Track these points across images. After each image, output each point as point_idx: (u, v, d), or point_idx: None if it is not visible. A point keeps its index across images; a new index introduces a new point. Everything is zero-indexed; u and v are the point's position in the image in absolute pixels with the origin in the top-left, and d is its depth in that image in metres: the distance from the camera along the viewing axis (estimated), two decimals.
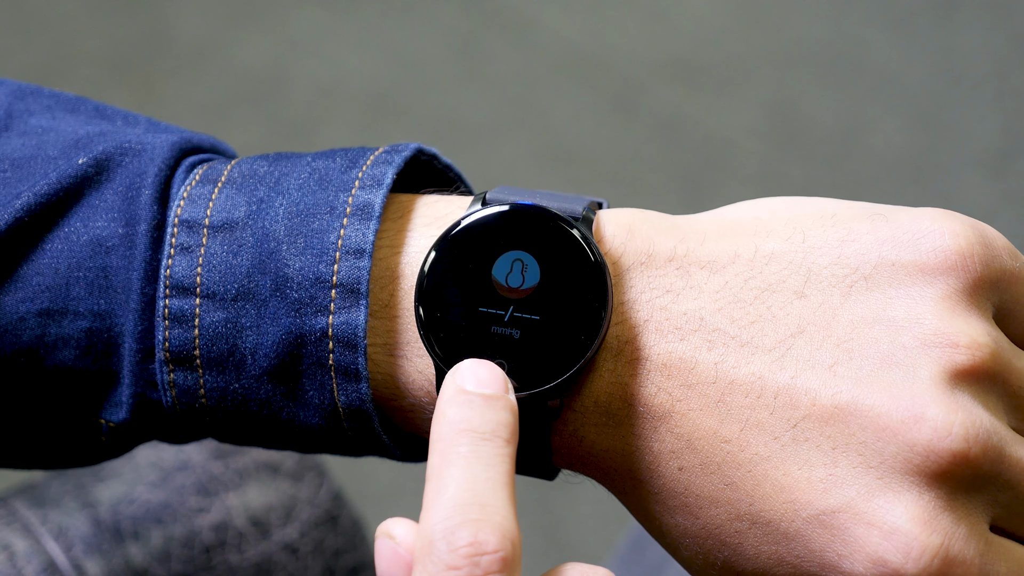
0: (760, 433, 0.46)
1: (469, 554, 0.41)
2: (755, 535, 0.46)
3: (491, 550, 0.41)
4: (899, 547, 0.44)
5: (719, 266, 0.48)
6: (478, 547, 0.41)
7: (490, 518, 0.42)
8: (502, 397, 0.45)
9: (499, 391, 0.45)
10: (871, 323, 0.46)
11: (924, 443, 0.44)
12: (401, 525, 0.44)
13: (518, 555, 0.42)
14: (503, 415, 0.44)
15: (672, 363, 0.47)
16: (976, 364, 0.45)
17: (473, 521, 0.41)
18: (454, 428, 0.44)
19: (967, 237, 0.46)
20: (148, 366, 0.50)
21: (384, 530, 0.44)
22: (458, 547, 0.41)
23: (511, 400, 0.45)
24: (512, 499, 0.43)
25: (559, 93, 1.93)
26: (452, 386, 0.45)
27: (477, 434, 0.44)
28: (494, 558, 0.41)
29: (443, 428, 0.44)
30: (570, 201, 0.49)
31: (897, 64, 1.98)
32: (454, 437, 0.44)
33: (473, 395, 0.45)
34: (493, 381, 0.45)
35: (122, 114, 0.54)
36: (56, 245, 0.50)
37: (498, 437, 0.44)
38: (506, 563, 0.41)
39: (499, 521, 0.42)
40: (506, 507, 0.42)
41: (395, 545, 0.43)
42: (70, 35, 1.93)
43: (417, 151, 0.52)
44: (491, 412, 0.44)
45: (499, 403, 0.45)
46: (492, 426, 0.44)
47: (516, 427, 0.45)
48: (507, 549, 0.41)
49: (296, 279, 0.49)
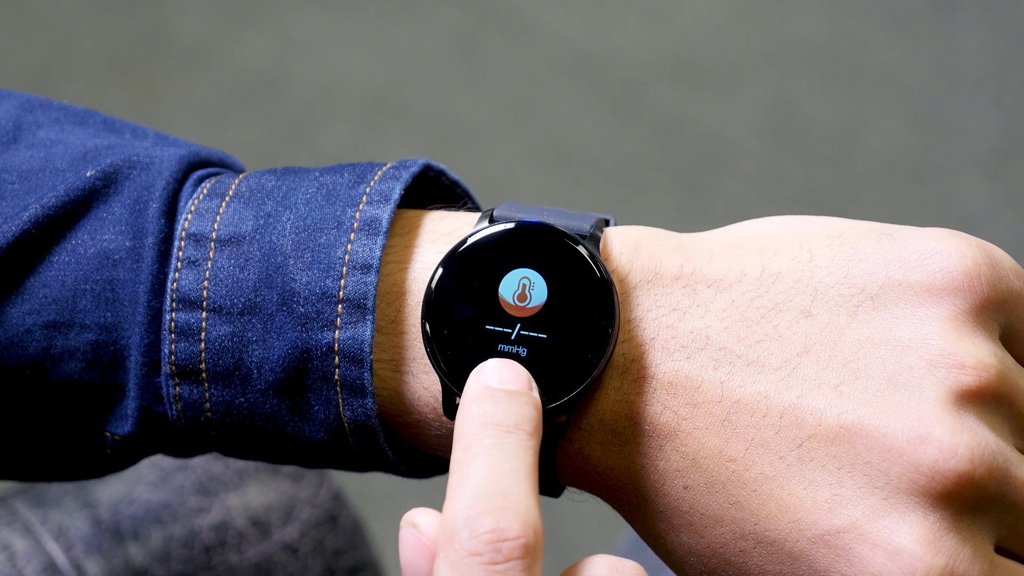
0: (766, 452, 0.46)
1: (491, 540, 0.41)
2: (760, 554, 0.46)
3: (513, 536, 0.41)
4: (904, 568, 0.44)
5: (726, 284, 0.48)
6: (500, 533, 0.41)
7: (513, 506, 0.42)
8: (525, 393, 0.46)
9: (523, 388, 0.46)
10: (877, 343, 0.46)
11: (930, 464, 0.44)
12: (425, 515, 0.44)
13: (540, 543, 0.42)
14: (527, 409, 0.45)
15: (678, 381, 0.47)
16: (982, 385, 0.45)
17: (496, 509, 0.42)
18: (478, 422, 0.44)
19: (974, 258, 0.46)
20: (154, 379, 0.50)
21: (409, 519, 0.44)
22: (480, 534, 0.41)
23: (535, 396, 0.46)
24: (535, 489, 0.43)
25: (559, 93, 1.93)
26: (476, 383, 0.46)
27: (501, 427, 0.44)
28: (516, 544, 0.41)
29: (467, 423, 0.45)
30: (577, 219, 0.49)
31: (897, 64, 1.98)
32: (478, 430, 0.44)
33: (497, 391, 0.45)
34: (517, 379, 0.46)
35: (131, 127, 0.54)
36: (63, 257, 0.50)
37: (521, 430, 0.44)
38: (528, 549, 0.41)
39: (521, 510, 0.42)
40: (529, 496, 0.42)
41: (419, 534, 0.44)
42: (70, 35, 1.93)
43: (425, 167, 0.52)
44: (515, 407, 0.45)
45: (523, 398, 0.45)
46: (516, 419, 0.44)
47: (540, 421, 0.45)
48: (529, 536, 0.41)
49: (303, 294, 0.49)
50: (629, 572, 0.43)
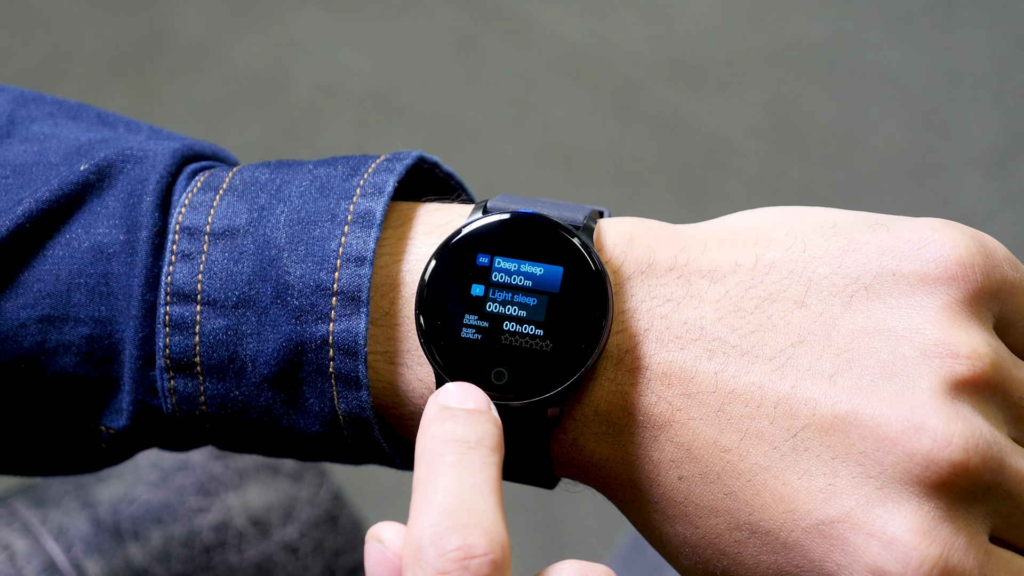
0: (760, 443, 0.46)
1: (458, 558, 0.41)
2: (754, 545, 0.46)
3: (480, 553, 0.41)
4: (898, 557, 0.44)
5: (720, 275, 0.48)
6: (467, 550, 0.41)
7: (479, 523, 0.42)
8: (485, 412, 0.45)
9: (482, 407, 0.45)
10: (871, 333, 0.46)
11: (924, 453, 0.44)
12: (390, 529, 0.44)
13: (507, 559, 0.42)
14: (487, 426, 0.45)
15: (672, 372, 0.47)
16: (976, 374, 0.45)
17: (462, 526, 0.41)
18: (439, 440, 0.44)
19: (968, 247, 0.46)
20: (148, 373, 0.50)
21: (374, 534, 0.44)
22: (447, 551, 0.41)
23: (494, 415, 0.45)
24: (500, 504, 0.43)
25: (559, 93, 1.93)
26: (435, 405, 0.45)
27: (463, 444, 0.44)
28: (484, 561, 0.41)
29: (428, 441, 0.44)
30: (571, 210, 0.49)
31: (897, 64, 1.98)
32: (440, 448, 0.44)
33: (456, 410, 0.45)
34: (476, 398, 0.46)
35: (124, 121, 0.54)
36: (57, 251, 0.50)
37: (483, 446, 0.44)
38: (496, 566, 0.41)
39: (487, 525, 0.42)
40: (494, 512, 0.42)
41: (384, 549, 0.43)
42: (70, 35, 1.93)
43: (419, 159, 0.52)
44: (475, 424, 0.44)
45: (482, 416, 0.45)
46: (477, 435, 0.44)
47: (501, 438, 0.45)
48: (496, 552, 0.41)
49: (297, 286, 0.49)
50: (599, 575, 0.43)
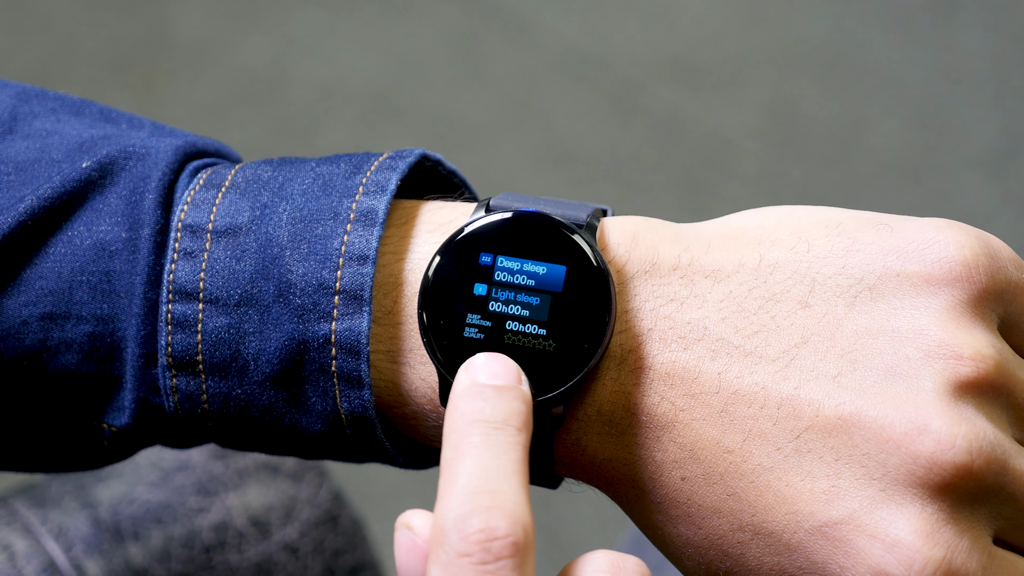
0: (763, 444, 0.46)
1: (480, 540, 0.41)
2: (757, 546, 0.46)
3: (502, 535, 0.41)
4: (901, 560, 0.44)
5: (723, 275, 0.48)
6: (489, 532, 0.41)
7: (501, 505, 0.42)
8: (514, 387, 0.45)
9: (511, 382, 0.45)
10: (875, 334, 0.46)
11: (927, 455, 0.44)
12: (419, 516, 0.44)
13: (531, 540, 0.42)
14: (515, 404, 0.45)
15: (675, 372, 0.47)
16: (980, 376, 0.45)
17: (484, 508, 0.42)
18: (466, 419, 0.44)
19: (972, 248, 0.46)
20: (151, 371, 0.50)
21: (403, 521, 0.44)
22: (469, 534, 0.41)
23: (524, 390, 0.45)
24: (525, 486, 0.43)
25: (559, 93, 1.93)
26: (465, 379, 0.45)
27: (489, 424, 0.44)
28: (505, 543, 0.41)
29: (455, 420, 0.44)
30: (574, 208, 0.49)
31: (897, 64, 1.98)
32: (466, 428, 0.44)
33: (485, 386, 0.45)
34: (506, 373, 0.46)
35: (127, 117, 0.54)
36: (59, 249, 0.50)
37: (509, 425, 0.44)
38: (517, 548, 0.41)
39: (510, 508, 0.42)
40: (518, 494, 0.42)
41: (413, 536, 0.44)
42: (70, 35, 1.93)
43: (421, 157, 0.52)
44: (503, 402, 0.44)
45: (511, 393, 0.45)
46: (504, 415, 0.44)
47: (529, 416, 0.45)
48: (518, 534, 0.41)
49: (299, 285, 0.49)
50: (631, 568, 0.43)
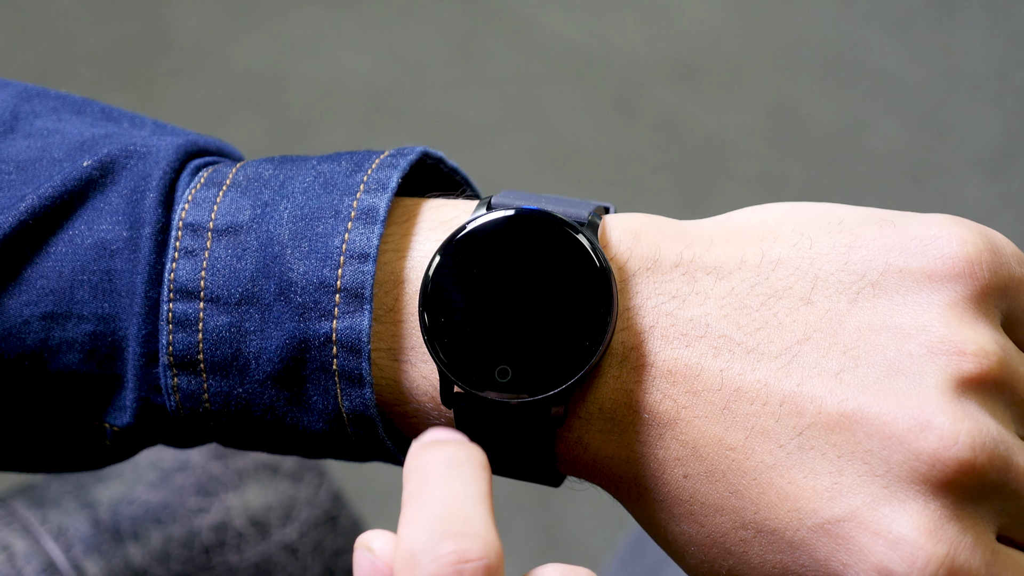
0: (765, 441, 0.46)
1: (453, 562, 0.40)
2: (760, 543, 0.46)
3: (475, 557, 0.41)
4: (904, 557, 0.44)
5: (725, 272, 0.48)
6: (462, 554, 0.41)
7: (472, 530, 0.41)
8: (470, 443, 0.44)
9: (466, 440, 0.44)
10: (878, 330, 0.46)
11: (930, 452, 0.44)
12: (380, 538, 0.43)
13: (501, 566, 0.41)
14: (474, 450, 0.43)
15: (677, 369, 0.47)
16: (983, 372, 0.45)
17: (456, 532, 0.41)
18: (428, 459, 0.43)
19: (975, 244, 0.46)
20: (152, 370, 0.50)
21: (363, 542, 0.43)
22: (441, 555, 0.40)
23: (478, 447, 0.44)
24: (492, 515, 0.42)
25: (559, 93, 1.93)
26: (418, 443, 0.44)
27: (453, 460, 0.43)
28: (478, 565, 0.41)
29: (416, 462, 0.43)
30: (576, 206, 0.49)
31: (897, 64, 1.98)
32: (430, 465, 0.43)
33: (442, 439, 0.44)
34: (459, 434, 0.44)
35: (128, 116, 0.54)
36: (60, 248, 0.50)
37: (473, 462, 0.43)
38: (490, 571, 0.41)
39: (481, 532, 0.41)
40: (487, 520, 0.42)
41: (374, 558, 0.43)
42: (70, 35, 1.93)
43: (423, 154, 0.52)
44: (463, 448, 0.43)
45: (469, 445, 0.44)
46: (466, 455, 0.43)
47: (487, 463, 0.44)
48: (491, 557, 0.41)
49: (300, 283, 0.49)
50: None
